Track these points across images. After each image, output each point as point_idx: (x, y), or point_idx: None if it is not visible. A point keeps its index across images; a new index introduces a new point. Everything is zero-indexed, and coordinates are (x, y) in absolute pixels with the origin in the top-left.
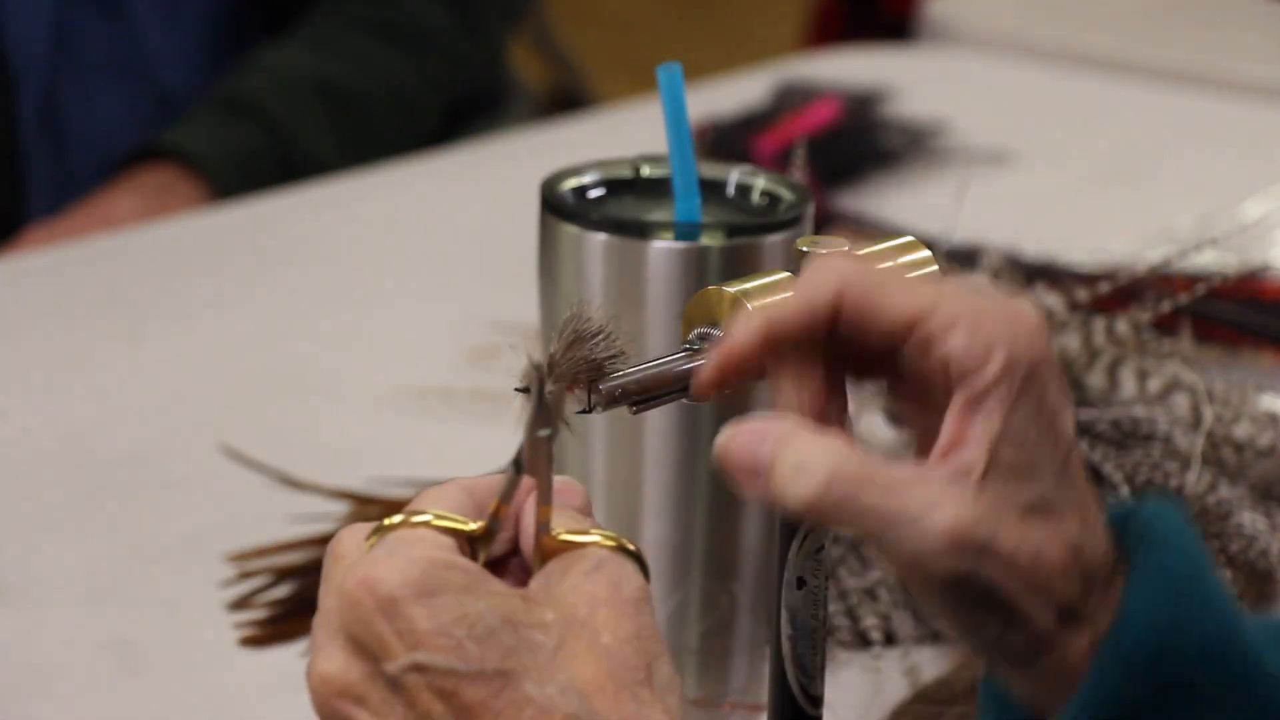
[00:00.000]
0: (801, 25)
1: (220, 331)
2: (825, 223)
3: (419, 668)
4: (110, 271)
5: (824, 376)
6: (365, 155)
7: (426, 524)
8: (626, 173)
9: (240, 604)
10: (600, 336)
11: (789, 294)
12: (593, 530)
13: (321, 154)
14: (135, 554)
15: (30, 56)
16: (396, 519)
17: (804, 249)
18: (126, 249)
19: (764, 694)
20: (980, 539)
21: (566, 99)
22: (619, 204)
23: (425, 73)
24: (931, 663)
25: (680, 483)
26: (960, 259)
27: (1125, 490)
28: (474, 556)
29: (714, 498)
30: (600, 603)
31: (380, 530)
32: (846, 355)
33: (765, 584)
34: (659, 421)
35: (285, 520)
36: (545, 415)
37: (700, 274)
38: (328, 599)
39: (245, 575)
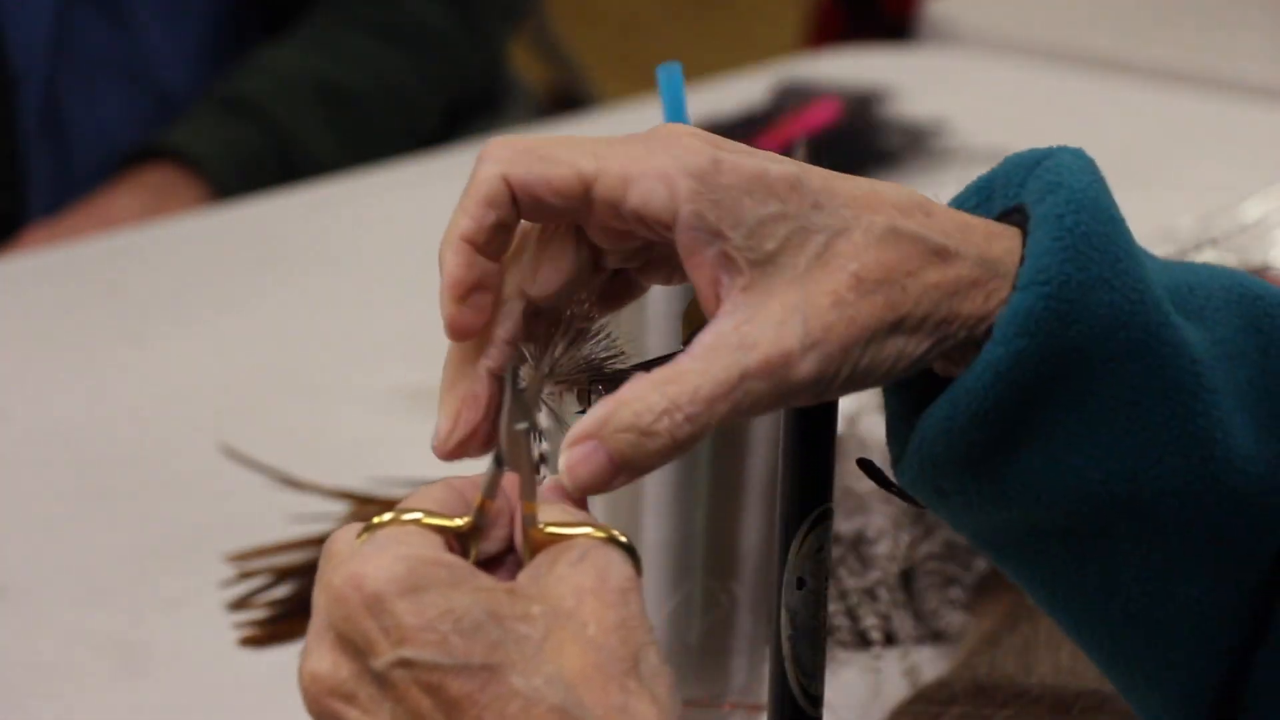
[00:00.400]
0: (801, 25)
1: (220, 331)
2: None
3: (405, 663)
4: (110, 271)
5: (567, 262)
6: (365, 155)
7: (415, 522)
8: None
9: (240, 604)
10: (600, 336)
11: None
12: (584, 523)
13: (321, 154)
14: (135, 554)
15: (30, 57)
16: (386, 517)
17: None
18: (126, 249)
19: (764, 694)
20: (798, 335)
21: (566, 99)
22: None
23: (425, 73)
24: (931, 663)
25: (680, 483)
26: None
27: None
28: (465, 553)
29: (714, 498)
30: (586, 593)
31: (369, 528)
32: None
33: (765, 584)
34: None
35: (285, 520)
36: (523, 408)
37: None
38: (319, 598)
39: (245, 575)
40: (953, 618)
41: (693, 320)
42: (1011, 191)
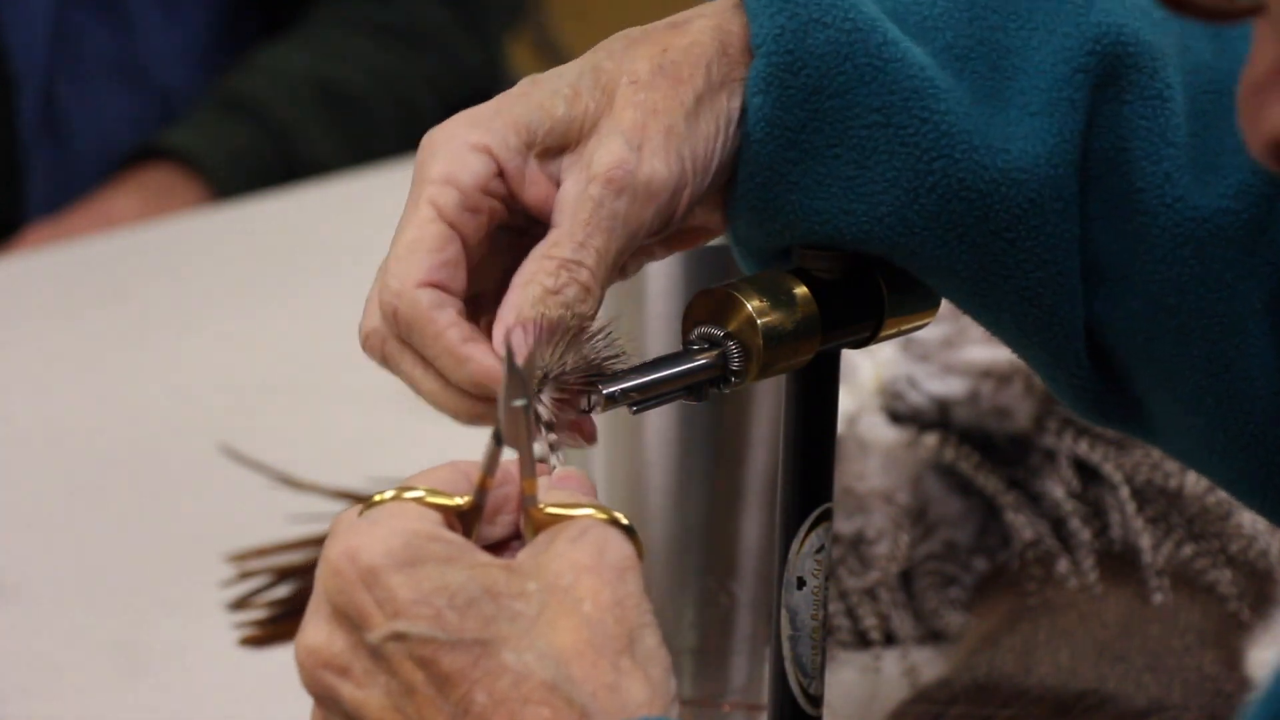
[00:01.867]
0: None
1: (220, 331)
2: None
3: (399, 636)
4: (110, 271)
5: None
6: (365, 155)
7: (417, 500)
8: None
9: (240, 604)
10: (600, 336)
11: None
12: (587, 505)
13: (321, 154)
14: (135, 554)
15: (29, 57)
16: (388, 494)
17: (804, 249)
18: (126, 249)
19: (764, 694)
20: (628, 144)
21: None
22: None
23: (424, 72)
24: (931, 663)
25: (680, 483)
26: None
27: (1125, 490)
28: (466, 533)
29: (714, 498)
30: (583, 570)
31: (370, 505)
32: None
33: (765, 584)
34: (659, 421)
35: (285, 520)
36: (520, 386)
37: (700, 274)
38: (318, 572)
39: (245, 575)
40: (953, 618)
41: (693, 319)
42: None
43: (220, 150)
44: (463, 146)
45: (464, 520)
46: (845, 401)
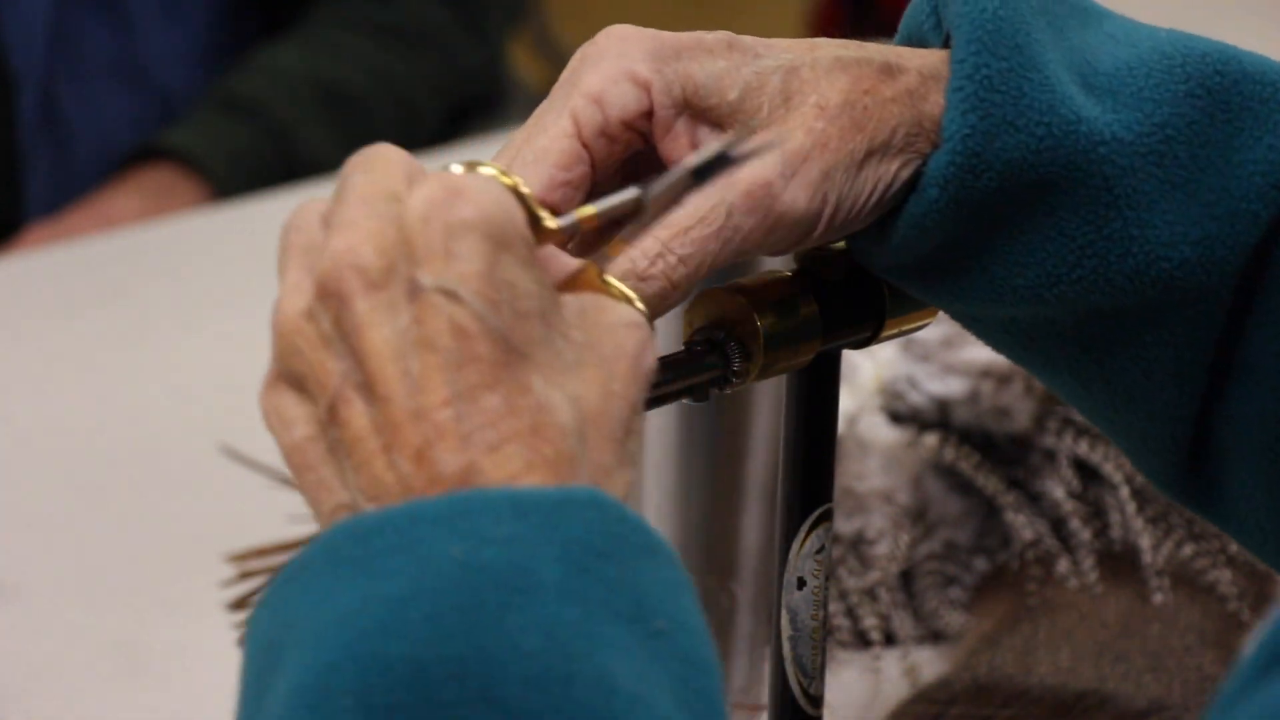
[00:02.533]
0: (801, 25)
1: (220, 331)
2: None
3: (452, 296)
4: (110, 271)
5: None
6: None
7: (519, 191)
8: None
9: (240, 604)
10: None
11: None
12: (643, 302)
13: (321, 154)
14: (135, 554)
15: (28, 57)
16: (498, 169)
17: (804, 249)
18: (126, 249)
19: (764, 694)
20: (782, 169)
21: None
22: None
23: (424, 73)
24: (931, 663)
25: (680, 483)
26: None
27: (1125, 490)
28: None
29: (714, 498)
30: (625, 355)
31: (473, 166)
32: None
33: (765, 584)
34: (659, 422)
35: (285, 520)
36: (719, 166)
37: None
38: (411, 182)
39: (245, 575)
40: (953, 618)
41: (694, 318)
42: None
43: (220, 150)
44: (625, 73)
45: (535, 230)
46: (845, 401)
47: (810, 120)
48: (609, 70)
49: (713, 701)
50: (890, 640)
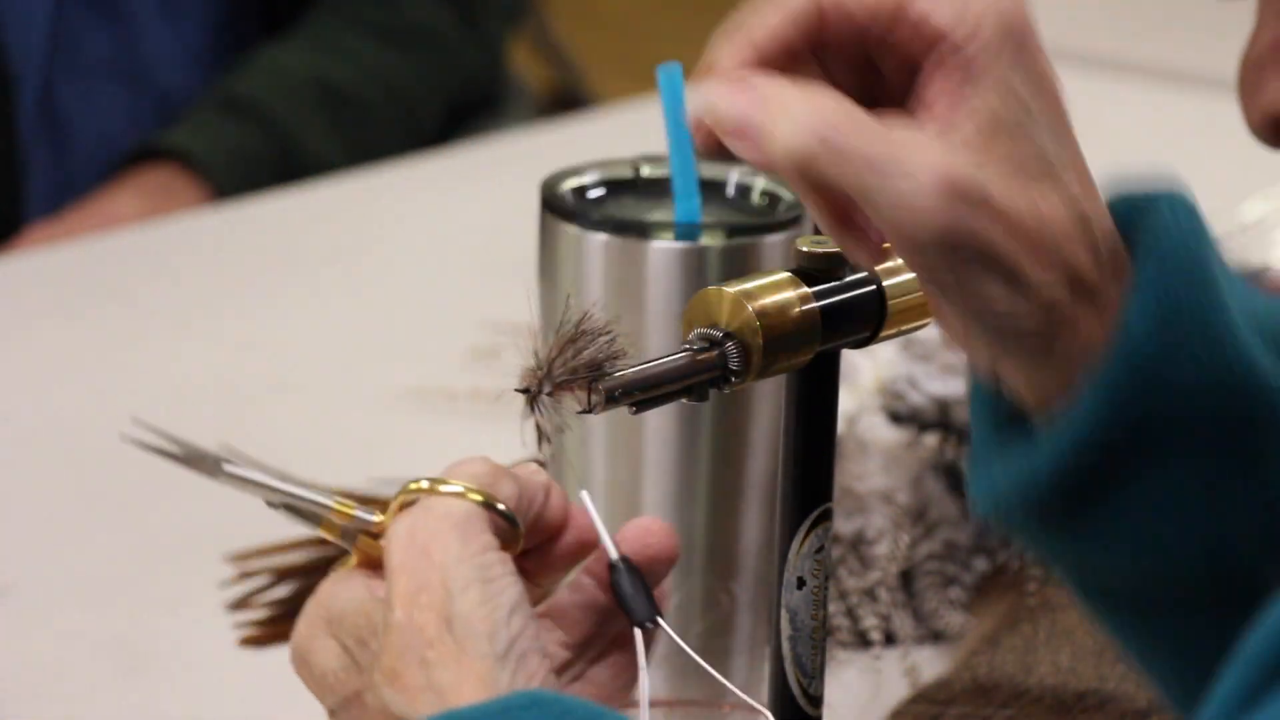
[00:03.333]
0: None
1: (220, 331)
2: None
3: (330, 711)
4: (110, 271)
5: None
6: (365, 155)
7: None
8: (626, 173)
9: (240, 604)
10: (600, 336)
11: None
12: (398, 499)
13: (321, 154)
14: (135, 554)
15: (28, 57)
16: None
17: (804, 248)
18: (126, 249)
19: (764, 694)
20: (974, 185)
21: (566, 99)
22: (619, 204)
23: (424, 73)
24: (931, 663)
25: (680, 483)
26: None
27: None
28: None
29: (714, 498)
30: (393, 571)
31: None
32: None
33: (765, 584)
34: (659, 422)
35: (285, 520)
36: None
37: (700, 274)
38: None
39: (245, 575)
40: (953, 618)
41: (693, 318)
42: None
43: (220, 150)
44: None
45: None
46: (845, 401)
47: (1010, 175)
48: None
49: None
50: (890, 640)
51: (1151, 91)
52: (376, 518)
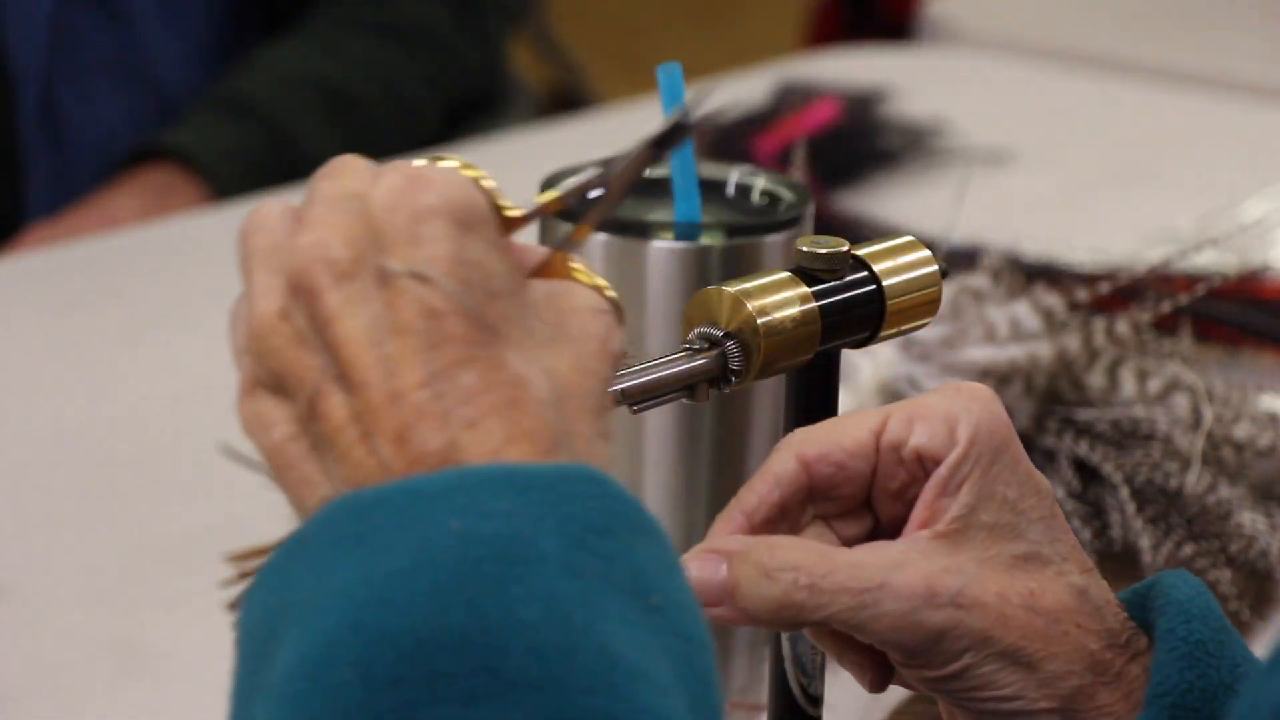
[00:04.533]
0: (801, 25)
1: (220, 331)
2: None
3: (421, 278)
4: (110, 271)
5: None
6: (364, 155)
7: (481, 184)
8: None
9: (240, 604)
10: None
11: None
12: (610, 291)
13: (321, 154)
14: (135, 554)
15: (28, 57)
16: (456, 162)
17: (804, 248)
18: (126, 249)
19: (764, 694)
20: (951, 586)
21: (566, 99)
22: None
23: (424, 73)
24: None
25: (680, 483)
26: (960, 259)
27: (1125, 491)
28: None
29: (714, 498)
30: (592, 338)
31: (434, 160)
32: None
33: None
34: (659, 422)
35: (285, 520)
36: (677, 135)
37: (700, 274)
38: (361, 179)
39: (245, 575)
40: None
41: (694, 318)
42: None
43: (220, 150)
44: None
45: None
46: (845, 401)
47: (1010, 595)
48: (939, 410)
49: (709, 679)
50: None
51: (1151, 91)
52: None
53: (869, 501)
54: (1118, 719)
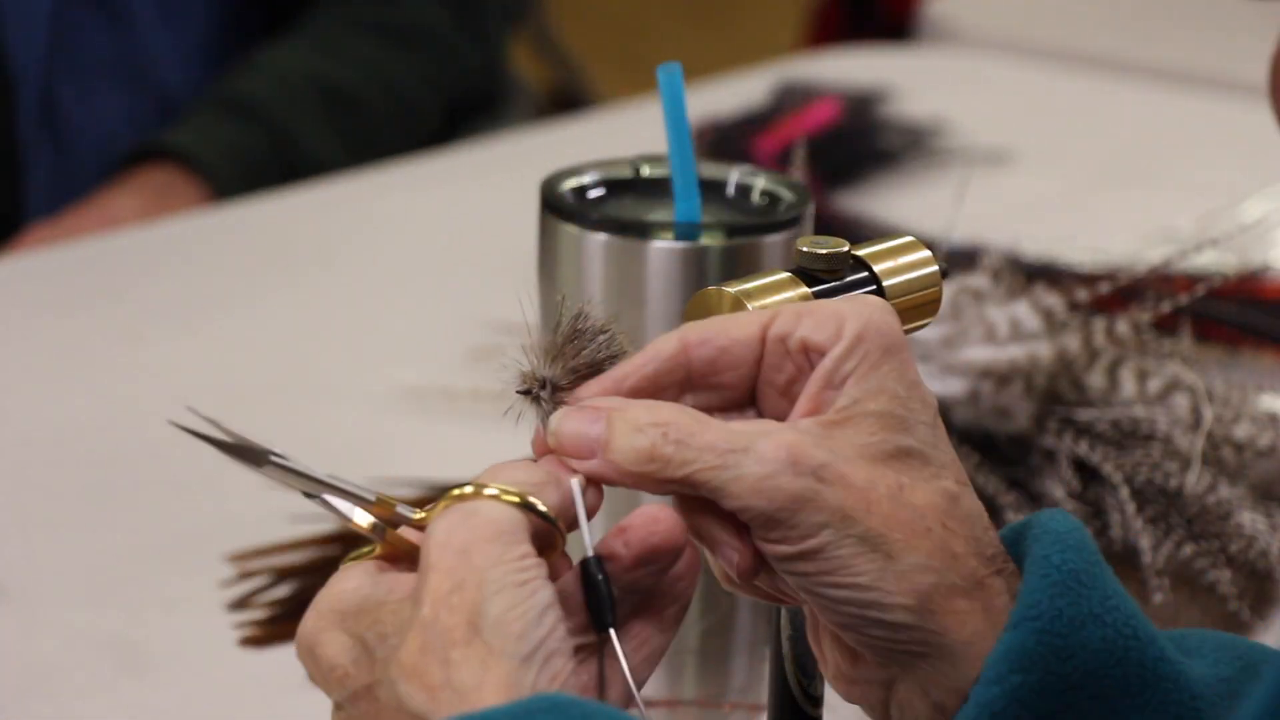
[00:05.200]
0: (801, 25)
1: (220, 331)
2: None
3: (336, 705)
4: (110, 271)
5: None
6: (365, 155)
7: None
8: (626, 173)
9: (240, 604)
10: (599, 335)
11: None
12: (449, 496)
13: (321, 154)
14: (135, 554)
15: (28, 57)
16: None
17: (804, 249)
18: (126, 249)
19: (764, 694)
20: (815, 458)
21: (566, 99)
22: (619, 204)
23: (424, 73)
24: None
25: None
26: (960, 259)
27: (1125, 491)
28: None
29: None
30: (427, 570)
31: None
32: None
33: None
34: None
35: (285, 520)
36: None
37: (700, 274)
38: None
39: (245, 575)
40: None
41: (693, 319)
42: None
43: (220, 150)
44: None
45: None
46: None
47: (879, 482)
48: (828, 308)
49: None
50: None
51: (1151, 91)
52: (418, 515)
53: (756, 401)
54: (974, 633)
